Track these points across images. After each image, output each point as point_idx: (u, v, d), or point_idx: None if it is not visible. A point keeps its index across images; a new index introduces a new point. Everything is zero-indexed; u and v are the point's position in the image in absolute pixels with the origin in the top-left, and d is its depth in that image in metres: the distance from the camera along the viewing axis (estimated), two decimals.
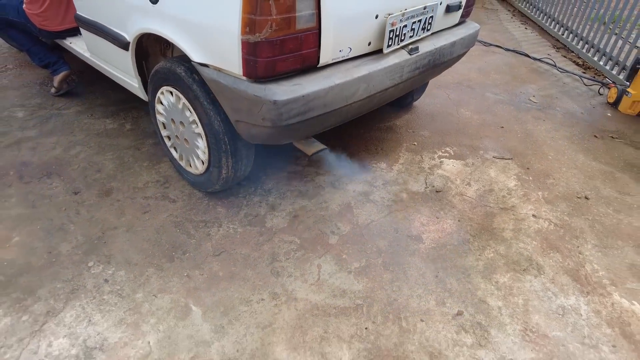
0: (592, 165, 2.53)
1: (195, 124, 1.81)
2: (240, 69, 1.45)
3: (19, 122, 2.63)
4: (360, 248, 1.82)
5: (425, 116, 2.93)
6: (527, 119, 3.02)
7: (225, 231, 1.87)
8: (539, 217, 2.06)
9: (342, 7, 1.51)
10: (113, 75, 2.33)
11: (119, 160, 2.31)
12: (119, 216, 1.93)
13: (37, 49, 2.79)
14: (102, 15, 2.06)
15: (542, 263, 1.80)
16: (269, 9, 1.31)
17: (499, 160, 2.49)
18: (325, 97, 1.58)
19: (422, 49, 1.99)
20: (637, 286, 1.72)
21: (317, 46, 1.53)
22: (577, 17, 4.47)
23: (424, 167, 2.36)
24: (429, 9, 1.95)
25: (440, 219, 2.00)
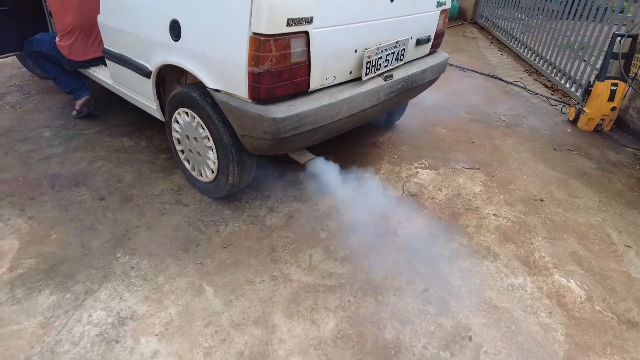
0: (550, 173, 2.91)
1: (207, 139, 2.17)
2: (247, 93, 1.83)
3: (47, 140, 2.99)
4: (345, 241, 2.16)
5: (405, 134, 3.32)
6: (496, 135, 3.42)
7: (232, 229, 2.21)
8: (499, 216, 2.42)
9: (327, 45, 1.91)
10: (133, 100, 2.71)
11: (137, 172, 2.65)
12: (140, 217, 2.26)
13: (63, 77, 3.18)
14: (128, 49, 2.45)
15: (498, 252, 2.15)
16: (270, 47, 1.70)
17: (467, 170, 2.86)
18: (315, 115, 1.96)
19: (395, 76, 2.38)
20: (574, 269, 2.07)
21: (307, 75, 1.91)
22: (547, 44, 4.95)
23: (402, 176, 2.73)
24: (401, 43, 2.36)
25: (414, 217, 2.35)
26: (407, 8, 2.30)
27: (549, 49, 4.91)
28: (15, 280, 1.84)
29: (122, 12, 2.35)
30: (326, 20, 1.85)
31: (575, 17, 4.38)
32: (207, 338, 1.62)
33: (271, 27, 1.68)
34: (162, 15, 2.04)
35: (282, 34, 1.71)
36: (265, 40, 1.69)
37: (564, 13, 4.56)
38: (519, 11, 6.10)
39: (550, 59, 4.85)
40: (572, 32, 4.37)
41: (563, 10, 4.59)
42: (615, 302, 1.90)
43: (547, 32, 4.94)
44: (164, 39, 2.09)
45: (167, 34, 2.05)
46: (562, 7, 4.61)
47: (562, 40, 4.55)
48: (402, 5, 2.25)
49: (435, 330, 1.71)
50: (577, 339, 1.70)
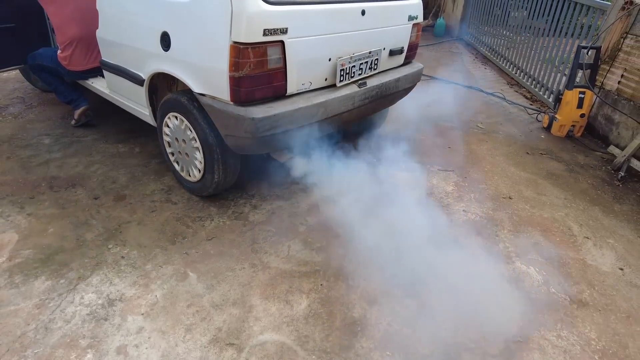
0: (520, 174, 3.09)
1: (194, 140, 2.35)
2: (229, 96, 2.02)
3: (46, 147, 3.17)
4: (322, 234, 2.32)
5: (386, 141, 3.51)
6: (472, 140, 3.62)
7: (217, 223, 2.37)
8: (468, 212, 2.59)
9: (301, 53, 2.11)
10: (128, 107, 2.90)
11: (130, 174, 2.83)
12: (131, 214, 2.43)
13: (63, 88, 3.38)
14: (123, 60, 2.65)
15: (464, 243, 2.31)
16: (248, 54, 1.90)
17: (442, 172, 3.04)
18: (291, 116, 2.14)
19: (369, 84, 2.59)
20: (535, 257, 2.23)
21: (284, 80, 2.11)
22: (529, 58, 5.21)
23: (379, 177, 2.90)
24: (374, 53, 2.57)
25: (387, 214, 2.51)
26: (378, 21, 2.52)
27: (530, 62, 5.15)
28: (14, 268, 1.99)
29: (119, 27, 2.57)
30: (300, 31, 2.06)
31: (556, 34, 4.61)
32: (188, 317, 1.77)
33: (249, 36, 1.88)
34: (154, 28, 2.25)
35: (259, 43, 1.92)
36: (244, 48, 1.89)
37: (549, 30, 4.81)
38: (505, 28, 6.37)
39: (530, 72, 5.10)
40: (553, 47, 4.62)
41: (549, 28, 4.82)
42: (570, 285, 2.05)
43: (530, 48, 5.20)
44: (155, 49, 2.29)
45: (158, 44, 2.26)
46: (548, 25, 4.86)
47: (544, 54, 4.79)
48: (373, 18, 2.46)
49: (401, 310, 1.85)
50: (530, 316, 1.85)
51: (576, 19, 4.12)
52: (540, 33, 5.03)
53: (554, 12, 4.58)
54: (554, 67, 4.52)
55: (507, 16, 6.12)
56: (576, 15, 4.13)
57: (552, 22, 4.67)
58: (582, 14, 4.09)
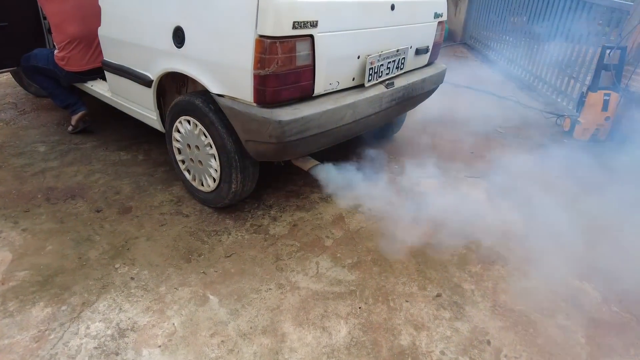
0: (551, 180, 2.90)
1: (209, 147, 2.13)
2: (252, 96, 1.81)
3: (42, 155, 2.92)
4: (352, 248, 2.10)
5: (405, 145, 3.32)
6: (495, 145, 3.44)
7: (234, 238, 2.15)
8: (505, 221, 2.39)
9: (331, 49, 1.91)
10: (132, 111, 2.67)
11: (135, 184, 2.59)
12: (139, 228, 2.19)
13: (59, 92, 3.14)
14: (128, 60, 2.43)
15: (507, 256, 2.11)
16: (276, 49, 1.70)
17: (469, 178, 2.85)
18: (320, 119, 1.94)
19: (397, 84, 2.40)
20: (586, 272, 2.03)
21: (312, 80, 1.91)
22: (537, 62, 5.08)
23: (405, 185, 2.71)
24: (402, 51, 2.38)
25: (421, 225, 2.31)
26: (406, 17, 2.34)
27: (538, 66, 5.03)
28: (8, 293, 1.74)
29: (124, 23, 2.35)
30: (330, 25, 1.86)
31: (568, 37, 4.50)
32: (213, 348, 1.54)
33: (277, 29, 1.68)
34: (166, 23, 2.04)
35: (288, 37, 1.72)
36: (272, 43, 1.69)
37: (549, 35, 4.71)
38: (504, 33, 6.28)
39: (540, 75, 4.97)
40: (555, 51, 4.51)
41: (548, 33, 4.73)
42: (631, 303, 1.85)
43: (534, 52, 5.08)
44: (166, 46, 2.08)
45: (170, 41, 2.05)
46: (547, 31, 4.76)
47: (549, 58, 4.68)
48: (402, 14, 2.28)
49: (452, 335, 1.64)
50: (598, 340, 1.65)
51: (595, 21, 3.99)
52: (547, 37, 4.92)
53: (562, 14, 4.46)
54: (561, 70, 4.40)
55: (504, 22, 6.07)
56: (595, 17, 4.00)
57: (559, 26, 4.55)
58: (600, 15, 3.96)
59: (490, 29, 6.81)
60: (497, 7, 6.44)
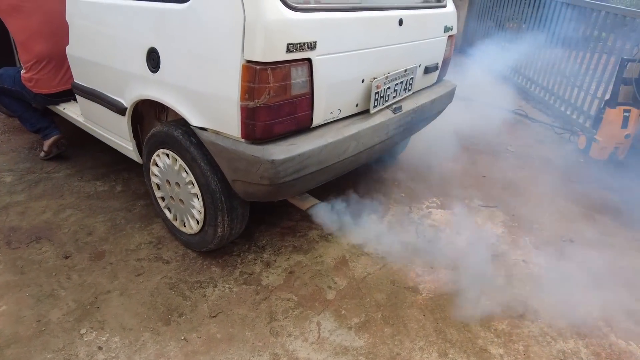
0: (572, 209, 2.64)
1: (191, 185, 1.84)
2: (239, 131, 1.53)
3: (7, 186, 2.61)
4: (358, 302, 1.82)
5: (410, 168, 3.04)
6: (507, 167, 3.17)
7: (221, 291, 1.85)
8: (529, 262, 2.11)
9: (332, 74, 1.64)
10: (107, 139, 2.38)
11: (110, 222, 2.29)
12: (112, 280, 1.89)
13: (28, 115, 2.84)
14: (99, 83, 2.14)
15: (537, 308, 1.83)
16: (267, 78, 1.41)
17: (484, 208, 2.58)
18: (319, 154, 1.66)
19: (405, 108, 2.12)
20: (631, 326, 1.76)
21: (310, 109, 1.63)
22: (543, 73, 4.84)
23: (413, 218, 2.42)
24: (410, 71, 2.11)
25: (435, 268, 2.03)
26: (415, 33, 2.07)
27: (543, 76, 4.79)
28: None
29: (93, 42, 2.06)
30: (331, 46, 1.59)
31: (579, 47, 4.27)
32: None
33: (268, 53, 1.40)
34: (138, 44, 1.76)
35: (282, 62, 1.44)
36: (262, 70, 1.40)
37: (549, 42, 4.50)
38: (506, 41, 6.06)
39: (548, 87, 4.72)
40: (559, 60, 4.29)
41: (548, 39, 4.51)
42: None
43: (537, 60, 4.87)
44: (140, 70, 1.79)
45: (143, 64, 1.76)
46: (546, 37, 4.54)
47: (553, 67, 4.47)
48: (411, 29, 2.01)
49: None
50: None
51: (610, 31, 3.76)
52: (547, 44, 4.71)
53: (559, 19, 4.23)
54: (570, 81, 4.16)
55: (504, 29, 5.87)
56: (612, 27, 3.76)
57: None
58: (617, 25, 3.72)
59: (490, 36, 6.58)
60: (495, 13, 6.22)
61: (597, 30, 3.97)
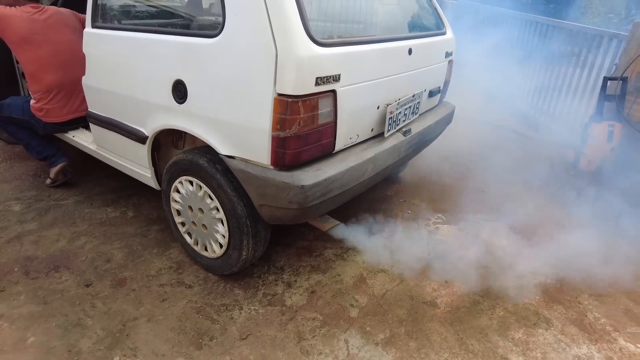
0: (571, 219, 2.78)
1: (216, 210, 1.90)
2: (269, 159, 1.61)
3: (17, 215, 2.61)
4: (381, 319, 1.89)
5: (413, 186, 3.16)
6: (502, 180, 3.31)
7: (247, 313, 1.90)
8: (537, 273, 2.23)
9: (352, 103, 1.74)
10: (121, 166, 2.42)
11: (127, 248, 2.32)
12: (138, 306, 1.92)
13: (35, 143, 2.85)
14: (118, 113, 2.19)
15: (549, 316, 1.94)
16: (298, 109, 1.51)
17: (487, 222, 2.70)
18: (342, 178, 1.75)
19: (413, 130, 2.24)
20: (637, 330, 1.88)
21: (333, 136, 1.73)
22: (529, 88, 5.09)
23: (422, 234, 2.52)
24: (417, 96, 2.24)
25: (449, 283, 2.12)
26: (422, 60, 2.20)
27: (531, 92, 5.04)
28: None
29: (113, 73, 2.12)
30: (352, 77, 1.70)
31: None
32: None
33: (299, 87, 1.49)
34: (164, 76, 1.83)
35: (311, 95, 1.53)
36: (293, 102, 1.50)
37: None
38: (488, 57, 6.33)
39: (532, 101, 4.96)
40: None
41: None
42: None
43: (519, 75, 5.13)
44: (165, 101, 1.86)
45: (169, 95, 1.83)
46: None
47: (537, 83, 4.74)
48: (418, 57, 2.14)
49: None
50: None
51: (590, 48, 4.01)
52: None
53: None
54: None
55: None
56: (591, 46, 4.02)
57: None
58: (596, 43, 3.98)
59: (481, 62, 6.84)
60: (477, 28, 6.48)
61: (577, 48, 4.23)
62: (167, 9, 2.11)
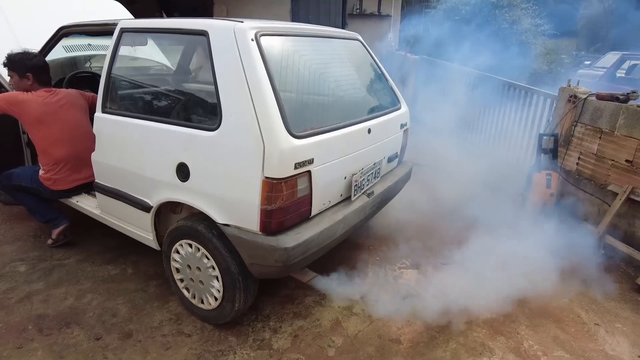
0: (518, 262, 3.24)
1: (212, 268, 2.25)
2: (258, 227, 2.00)
3: (23, 276, 2.87)
4: (354, 356, 2.24)
5: (381, 233, 3.58)
6: (460, 226, 3.77)
7: (241, 357, 2.22)
8: (485, 309, 2.64)
9: (324, 178, 2.17)
10: (124, 229, 2.74)
11: (130, 303, 2.61)
12: (145, 355, 2.21)
13: (40, 207, 3.14)
14: (125, 185, 2.55)
15: (492, 346, 2.33)
16: (282, 188, 1.93)
17: (446, 265, 3.12)
18: (318, 238, 2.15)
19: (376, 191, 2.69)
20: (561, 354, 2.29)
21: (310, 205, 2.14)
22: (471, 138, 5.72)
23: (389, 279, 2.92)
24: (377, 163, 2.70)
25: (411, 322, 2.51)
26: (380, 135, 2.68)
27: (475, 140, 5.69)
28: None
29: (122, 153, 2.50)
30: (323, 159, 2.14)
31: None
32: None
33: (282, 171, 1.92)
34: (169, 158, 2.22)
35: (291, 176, 1.96)
36: (278, 183, 1.92)
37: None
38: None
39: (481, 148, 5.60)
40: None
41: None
42: None
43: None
44: (169, 179, 2.25)
45: (173, 175, 2.22)
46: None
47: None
48: (377, 133, 2.62)
49: None
50: None
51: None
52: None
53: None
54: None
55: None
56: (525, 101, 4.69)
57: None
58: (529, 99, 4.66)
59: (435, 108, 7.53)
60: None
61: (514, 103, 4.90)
62: (173, 102, 2.52)
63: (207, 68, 2.09)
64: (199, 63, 3.04)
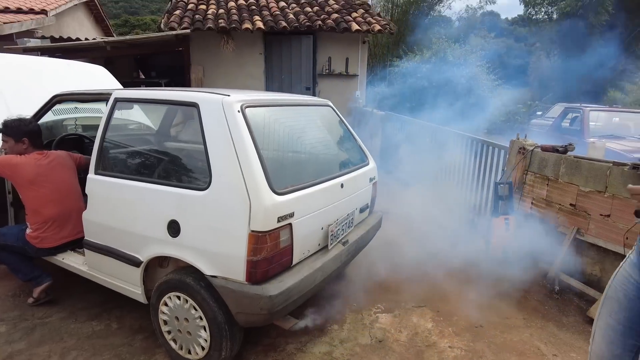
0: (482, 300, 3.50)
1: (200, 319, 2.40)
2: (244, 277, 2.20)
3: (4, 336, 2.88)
4: None
5: (357, 281, 3.78)
6: (430, 270, 4.04)
7: None
8: (453, 347, 2.85)
9: (303, 229, 2.42)
10: (112, 285, 2.84)
11: (117, 358, 2.67)
12: None
13: (24, 266, 3.20)
14: (115, 242, 2.70)
15: None
16: (266, 240, 2.15)
17: (416, 308, 3.34)
18: (300, 286, 2.35)
19: (350, 240, 2.94)
20: None
21: (291, 255, 2.37)
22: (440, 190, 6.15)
23: (365, 324, 3.10)
24: (350, 214, 2.98)
25: None
26: (352, 189, 2.98)
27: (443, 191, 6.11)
28: None
29: (114, 212, 2.67)
30: (302, 212, 2.40)
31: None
32: None
33: (266, 225, 2.16)
34: (161, 216, 2.42)
35: (274, 229, 2.20)
36: (262, 236, 2.15)
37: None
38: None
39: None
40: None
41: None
42: None
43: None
44: (160, 235, 2.43)
45: (164, 231, 2.41)
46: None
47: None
48: (349, 187, 2.92)
49: None
50: None
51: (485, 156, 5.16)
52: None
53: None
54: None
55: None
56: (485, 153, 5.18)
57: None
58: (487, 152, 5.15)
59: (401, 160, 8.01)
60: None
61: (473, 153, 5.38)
62: (165, 165, 2.74)
63: (197, 135, 2.37)
64: (190, 130, 3.31)
